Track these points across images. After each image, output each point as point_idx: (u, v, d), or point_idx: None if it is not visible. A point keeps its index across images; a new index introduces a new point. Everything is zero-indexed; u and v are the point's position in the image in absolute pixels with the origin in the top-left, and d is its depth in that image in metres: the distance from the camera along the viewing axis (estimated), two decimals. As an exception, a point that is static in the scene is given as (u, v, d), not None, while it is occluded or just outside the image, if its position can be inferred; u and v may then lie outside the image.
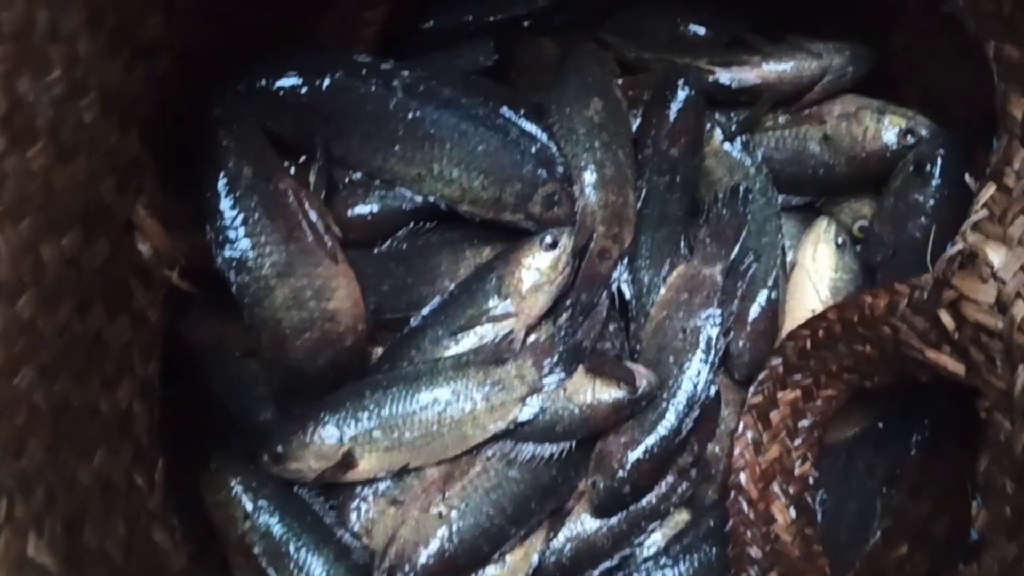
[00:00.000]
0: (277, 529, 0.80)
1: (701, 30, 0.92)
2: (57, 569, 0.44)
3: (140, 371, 0.62)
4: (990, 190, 0.65)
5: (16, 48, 0.46)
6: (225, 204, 0.76)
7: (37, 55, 0.48)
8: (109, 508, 0.54)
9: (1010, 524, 0.60)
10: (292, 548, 0.80)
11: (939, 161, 0.78)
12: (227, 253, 0.76)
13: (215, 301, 0.79)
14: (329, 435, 0.80)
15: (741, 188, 0.87)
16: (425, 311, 0.86)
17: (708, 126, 0.89)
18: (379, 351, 0.88)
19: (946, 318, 0.66)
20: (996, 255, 0.62)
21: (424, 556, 0.79)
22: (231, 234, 0.76)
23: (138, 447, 0.61)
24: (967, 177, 0.69)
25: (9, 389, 0.45)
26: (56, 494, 0.47)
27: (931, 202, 0.79)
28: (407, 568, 0.79)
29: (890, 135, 0.83)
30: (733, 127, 0.89)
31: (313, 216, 0.79)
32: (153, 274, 0.64)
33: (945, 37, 0.72)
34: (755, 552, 0.78)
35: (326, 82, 0.80)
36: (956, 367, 0.67)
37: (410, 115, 0.81)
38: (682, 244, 0.88)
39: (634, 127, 0.89)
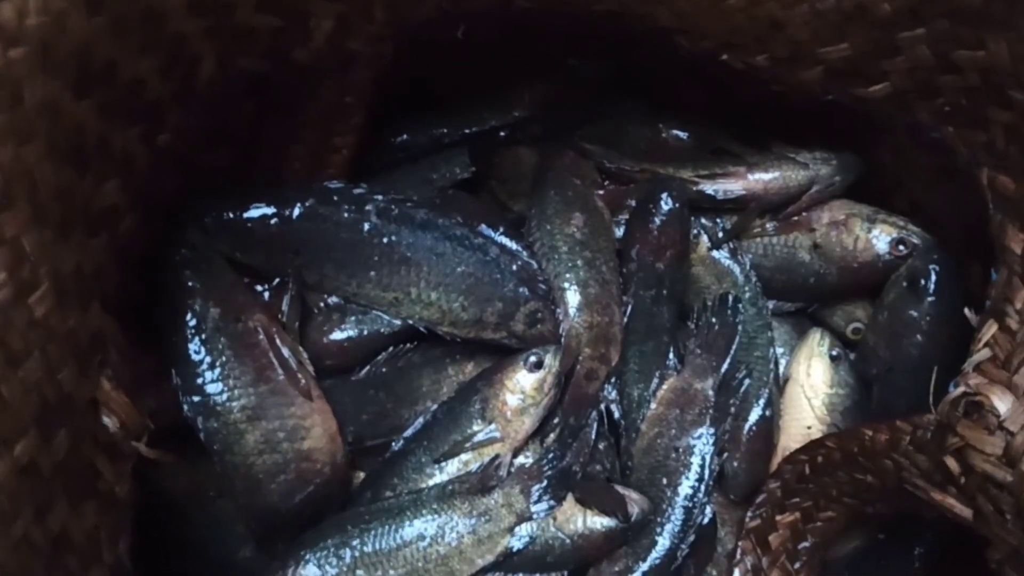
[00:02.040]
0: None
1: (684, 135, 0.89)
2: None
3: (109, 557, 0.58)
4: (992, 328, 0.63)
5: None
6: (192, 348, 0.72)
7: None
8: None
9: None
10: None
11: (933, 277, 0.76)
12: (194, 399, 0.72)
13: (189, 443, 0.75)
14: (310, 575, 0.77)
15: (730, 297, 0.84)
16: (407, 433, 0.83)
17: (695, 232, 0.87)
18: (360, 475, 0.85)
19: (952, 464, 0.63)
20: (1002, 403, 0.59)
21: None
22: (198, 379, 0.72)
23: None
24: (967, 311, 0.66)
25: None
26: None
27: (927, 319, 0.76)
28: None
29: (882, 244, 0.81)
30: (720, 234, 0.86)
31: (285, 352, 0.75)
32: (120, 447, 0.60)
33: (931, 158, 0.70)
34: None
35: (296, 211, 0.77)
36: (964, 511, 0.64)
37: (385, 240, 0.78)
38: (671, 355, 0.85)
39: (617, 234, 0.86)
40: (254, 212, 0.77)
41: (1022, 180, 0.61)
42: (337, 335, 0.83)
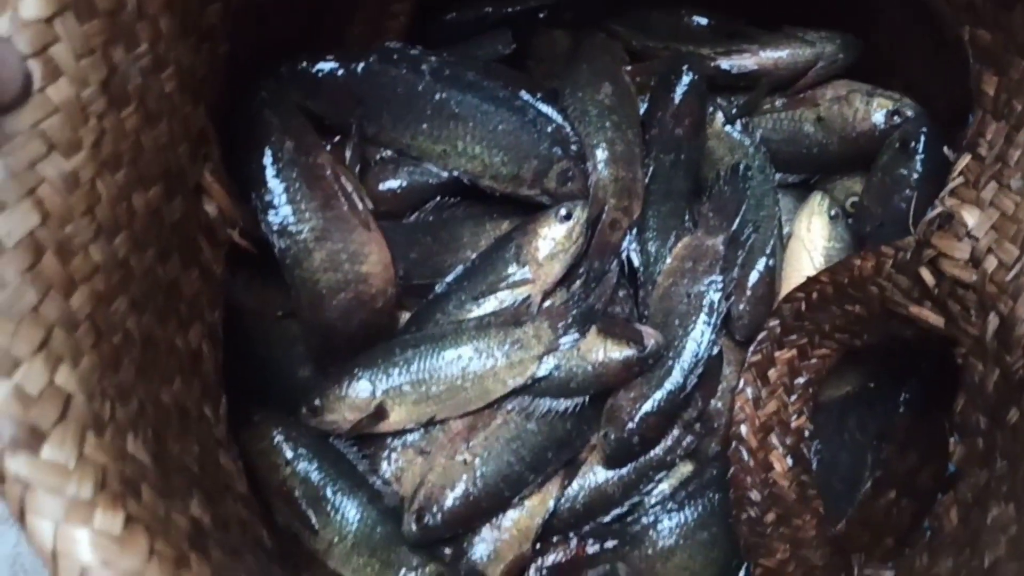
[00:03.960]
0: (315, 475, 0.88)
1: (703, 22, 1.00)
2: (151, 466, 0.51)
3: (208, 317, 0.69)
4: (966, 159, 0.72)
5: (110, 23, 0.53)
6: (269, 175, 0.83)
7: (127, 30, 0.55)
8: (185, 428, 0.61)
9: (982, 455, 0.67)
10: (329, 492, 0.87)
11: (922, 138, 0.85)
12: (271, 219, 0.83)
13: (259, 267, 0.86)
14: (363, 389, 0.87)
15: (741, 166, 0.94)
16: (449, 278, 0.93)
17: (710, 110, 0.96)
18: (407, 316, 0.95)
19: (926, 275, 0.73)
20: (971, 216, 0.69)
21: (450, 499, 0.86)
22: (274, 202, 0.83)
23: (206, 383, 0.68)
24: (946, 149, 0.76)
25: (108, 313, 0.52)
26: (145, 407, 0.54)
27: (914, 176, 0.85)
28: (435, 509, 0.86)
29: (878, 116, 0.90)
30: (733, 110, 0.96)
31: (348, 187, 0.86)
32: (217, 233, 0.71)
33: (923, 31, 0.79)
34: (755, 495, 0.85)
35: (360, 66, 0.88)
36: (936, 320, 0.74)
37: (437, 96, 0.89)
38: (686, 218, 0.95)
39: (641, 111, 0.96)
40: (323, 65, 0.87)
41: (996, 32, 0.70)
42: (390, 183, 0.93)
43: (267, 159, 0.83)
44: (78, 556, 0.45)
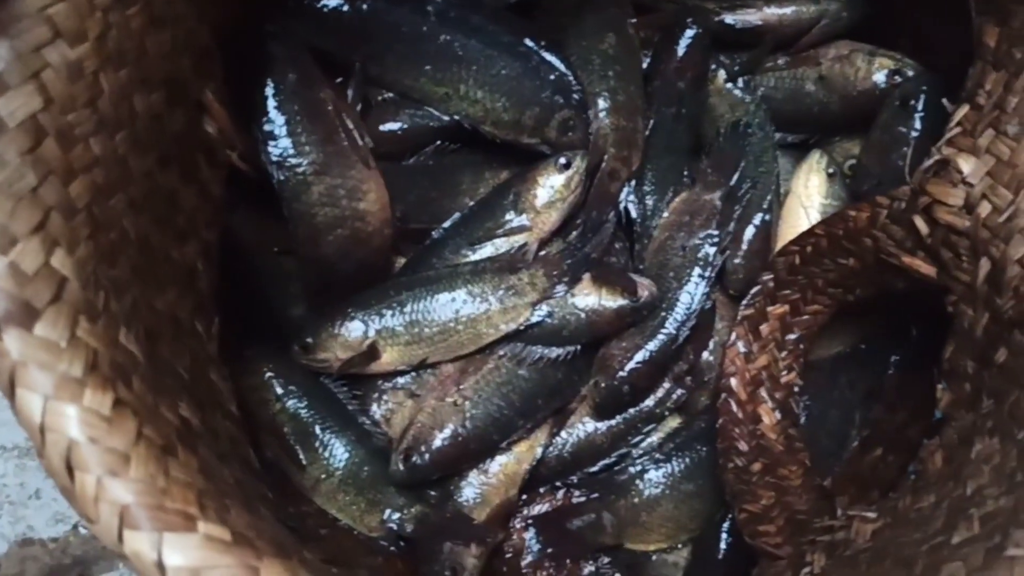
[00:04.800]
0: (305, 413, 0.88)
1: (710, -24, 1.00)
2: (142, 360, 0.52)
3: (205, 235, 0.69)
4: (964, 110, 0.72)
5: (118, -78, 0.54)
6: (271, 106, 0.83)
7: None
8: (177, 336, 0.61)
9: (969, 398, 0.67)
10: (318, 430, 0.88)
11: (922, 97, 0.86)
12: (271, 150, 0.83)
13: (259, 200, 0.86)
14: (355, 328, 0.88)
15: (741, 123, 0.94)
16: (447, 224, 0.94)
17: (713, 67, 0.97)
18: (403, 262, 0.95)
19: (920, 223, 0.73)
20: (966, 163, 0.69)
21: (439, 440, 0.86)
22: (275, 133, 0.83)
23: (200, 299, 0.68)
24: (945, 101, 0.76)
25: (106, 207, 0.52)
26: (139, 306, 0.55)
27: (913, 134, 0.86)
28: (423, 449, 0.86)
29: (880, 75, 0.90)
30: (736, 68, 0.96)
31: (349, 124, 0.86)
32: (217, 153, 0.71)
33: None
34: (742, 445, 0.85)
35: (366, 5, 0.88)
36: (928, 269, 0.74)
37: (441, 38, 0.89)
38: (685, 173, 0.95)
39: (646, 64, 0.97)
40: (330, 2, 0.87)
41: (999, -17, 0.71)
42: (391, 125, 0.93)
43: (269, 91, 0.83)
44: (66, 431, 0.45)
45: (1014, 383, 0.59)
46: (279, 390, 0.88)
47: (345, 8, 0.87)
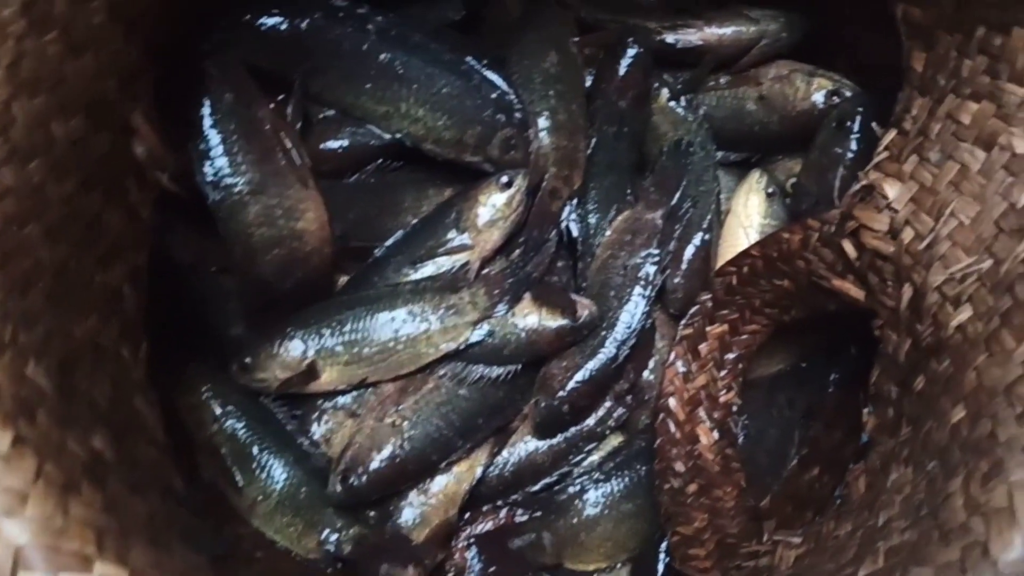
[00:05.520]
0: (243, 433, 0.87)
1: (653, -4, 1.00)
2: (52, 393, 0.51)
3: (133, 258, 0.68)
4: (891, 134, 0.73)
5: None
6: (206, 125, 0.82)
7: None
8: (97, 364, 0.60)
9: (892, 423, 0.68)
10: (256, 451, 0.87)
11: (858, 117, 0.86)
12: (206, 170, 0.82)
13: (195, 220, 0.85)
14: (294, 348, 0.87)
15: (683, 142, 0.95)
16: (389, 242, 0.93)
17: (655, 85, 0.97)
18: (345, 279, 0.95)
19: (848, 247, 0.74)
20: (891, 189, 0.70)
21: (376, 460, 0.86)
22: (210, 152, 0.82)
23: (126, 323, 0.67)
24: (874, 125, 0.77)
25: (18, 237, 0.52)
26: (53, 337, 0.54)
27: (849, 155, 0.86)
28: (360, 471, 0.85)
29: (818, 96, 0.91)
30: (678, 86, 0.96)
31: (287, 143, 0.85)
32: (147, 175, 0.70)
33: (863, 9, 0.80)
34: (679, 466, 0.85)
35: (305, 22, 0.87)
36: (857, 293, 0.75)
37: (382, 56, 0.88)
38: (628, 191, 0.95)
39: (588, 83, 0.97)
40: (268, 19, 0.86)
41: (929, 8, 0.71)
42: (332, 143, 0.93)
43: (205, 109, 0.82)
44: (-42, 468, 0.44)
45: (929, 411, 0.59)
46: (217, 410, 0.88)
47: (284, 25, 0.87)
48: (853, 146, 0.86)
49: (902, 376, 0.68)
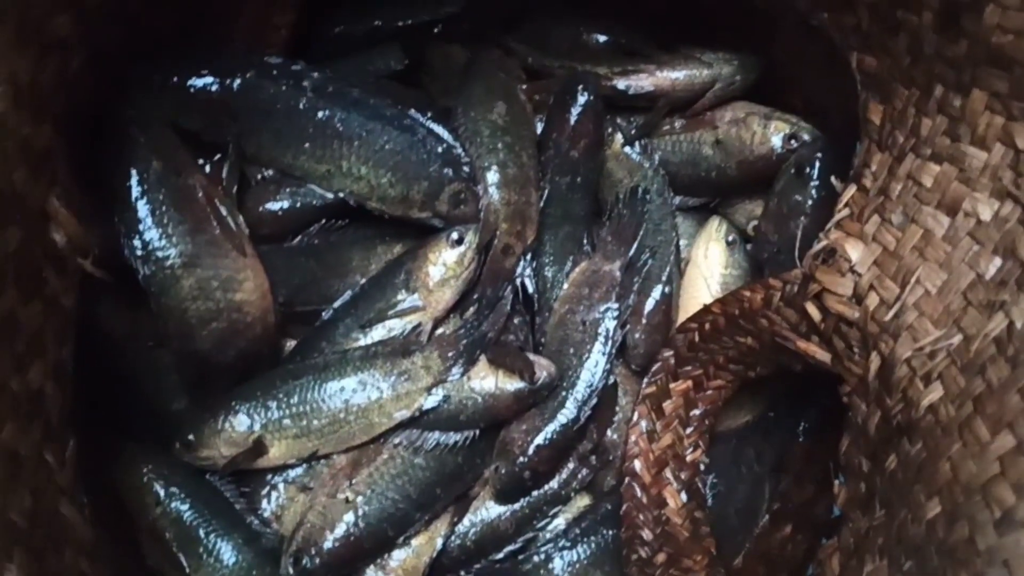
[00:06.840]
0: (188, 515, 0.83)
1: (602, 38, 0.96)
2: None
3: (53, 354, 0.63)
4: (851, 191, 0.70)
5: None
6: (134, 196, 0.78)
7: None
8: (14, 478, 0.56)
9: (864, 499, 0.65)
10: (202, 533, 0.82)
11: (817, 164, 0.83)
12: (134, 244, 0.78)
13: (129, 291, 0.81)
14: (240, 423, 0.83)
15: (640, 189, 0.92)
16: (336, 304, 0.89)
17: (609, 130, 0.94)
18: (292, 344, 0.91)
19: (812, 310, 0.70)
20: (854, 251, 0.67)
21: (330, 540, 0.82)
22: (139, 225, 0.78)
23: (49, 426, 0.62)
24: (833, 179, 0.74)
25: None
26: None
27: (809, 202, 0.84)
28: (313, 552, 0.81)
29: (776, 139, 0.88)
30: (632, 131, 0.93)
31: (222, 210, 0.81)
32: (67, 262, 0.65)
33: (818, 49, 0.77)
34: (646, 534, 0.82)
35: (237, 81, 0.83)
36: (823, 356, 0.72)
37: (319, 114, 0.84)
38: (584, 242, 0.92)
39: (538, 131, 0.93)
40: (197, 80, 0.82)
41: (883, 58, 0.68)
42: (272, 205, 0.89)
43: (132, 179, 0.78)
44: None
45: (902, 499, 0.56)
46: (160, 492, 0.83)
47: (214, 86, 0.82)
48: (813, 193, 0.84)
49: (872, 449, 0.65)
